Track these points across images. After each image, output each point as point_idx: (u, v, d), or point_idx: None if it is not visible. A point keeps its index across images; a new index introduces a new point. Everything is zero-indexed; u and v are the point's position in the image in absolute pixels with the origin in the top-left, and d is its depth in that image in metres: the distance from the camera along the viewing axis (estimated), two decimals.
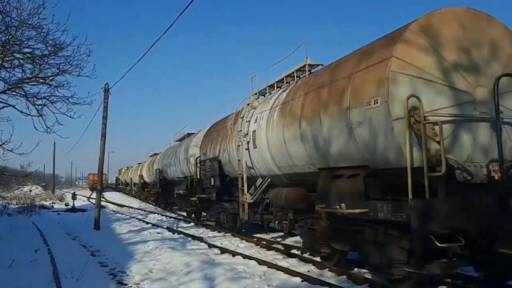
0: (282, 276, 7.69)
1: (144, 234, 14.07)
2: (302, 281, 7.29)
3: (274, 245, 11.15)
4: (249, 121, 11.14)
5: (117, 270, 8.63)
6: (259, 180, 10.87)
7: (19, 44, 12.31)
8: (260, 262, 8.96)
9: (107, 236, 14.26)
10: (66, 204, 33.30)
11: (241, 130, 11.41)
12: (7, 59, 12.42)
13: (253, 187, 11.02)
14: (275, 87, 11.66)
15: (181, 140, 25.71)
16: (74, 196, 28.19)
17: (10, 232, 14.05)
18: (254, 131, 10.65)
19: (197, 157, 17.32)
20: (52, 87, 13.20)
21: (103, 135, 17.29)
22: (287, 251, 10.21)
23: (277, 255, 10.02)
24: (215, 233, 14.45)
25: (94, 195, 35.75)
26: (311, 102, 7.91)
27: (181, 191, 20.54)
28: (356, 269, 8.10)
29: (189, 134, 23.57)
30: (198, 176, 16.87)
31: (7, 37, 11.86)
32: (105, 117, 17.21)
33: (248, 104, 12.09)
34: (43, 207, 29.05)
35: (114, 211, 26.68)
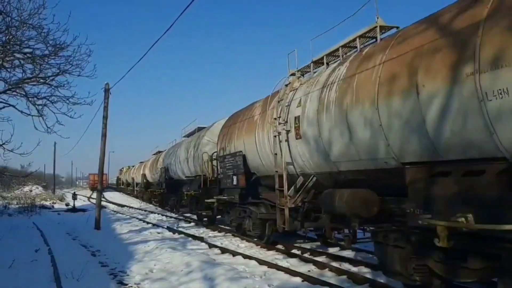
0: (283, 276, 7.70)
1: (145, 234, 14.08)
2: (302, 281, 7.30)
3: (277, 246, 11.15)
4: (289, 105, 9.12)
5: (117, 270, 8.64)
6: (300, 179, 8.90)
7: (20, 44, 12.32)
8: (261, 262, 8.97)
9: (107, 236, 14.26)
10: (67, 204, 33.30)
11: (279, 117, 9.28)
12: (8, 59, 12.44)
13: (292, 188, 9.03)
14: (325, 63, 9.04)
15: (190, 135, 23.35)
16: (74, 196, 28.19)
17: (10, 232, 14.06)
18: (297, 118, 8.60)
19: (213, 153, 15.59)
20: (53, 87, 13.25)
21: (104, 135, 17.30)
22: (287, 251, 10.21)
23: (277, 255, 10.02)
24: (216, 233, 14.45)
25: (94, 195, 35.76)
26: (397, 72, 5.77)
27: (192, 192, 18.19)
28: (356, 268, 8.11)
29: (199, 129, 21.30)
30: (214, 175, 15.32)
31: (7, 37, 11.87)
32: (105, 117, 17.22)
33: (286, 85, 9.89)
34: (43, 207, 29.03)
35: (115, 211, 26.69)
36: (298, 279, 7.39)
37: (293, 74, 10.02)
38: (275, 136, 9.46)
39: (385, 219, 6.71)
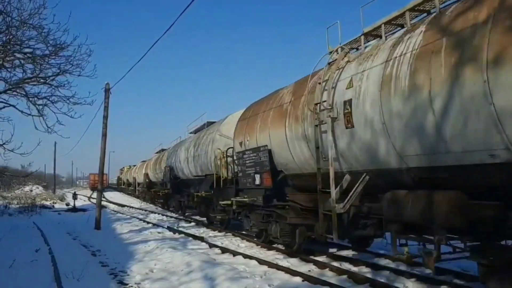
0: (283, 276, 7.69)
1: (145, 234, 14.07)
2: (303, 280, 7.29)
3: (274, 245, 11.14)
4: (335, 87, 7.52)
5: (117, 270, 8.63)
6: (347, 178, 7.45)
7: (20, 44, 12.36)
8: (261, 262, 8.96)
9: (107, 236, 14.26)
10: (67, 204, 33.33)
11: (324, 101, 7.62)
12: (8, 59, 12.46)
13: (337, 189, 7.43)
14: (383, 33, 7.11)
15: (197, 132, 21.43)
16: (75, 196, 28.23)
17: (11, 232, 14.07)
18: (347, 102, 7.00)
19: (228, 149, 13.86)
20: (53, 87, 13.30)
21: (104, 135, 17.31)
22: (288, 251, 10.20)
23: (277, 254, 10.01)
24: (216, 233, 14.45)
25: (94, 195, 35.76)
26: None
27: (203, 193, 16.29)
28: (357, 268, 8.12)
29: (209, 123, 19.57)
30: (229, 174, 13.86)
31: (8, 37, 11.90)
32: (105, 117, 17.22)
33: (329, 63, 8.23)
34: (44, 207, 29.06)
35: (115, 211, 26.69)
36: (298, 279, 7.38)
37: (334, 52, 8.27)
38: (316, 126, 7.80)
39: (485, 232, 5.19)
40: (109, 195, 51.77)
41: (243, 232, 13.19)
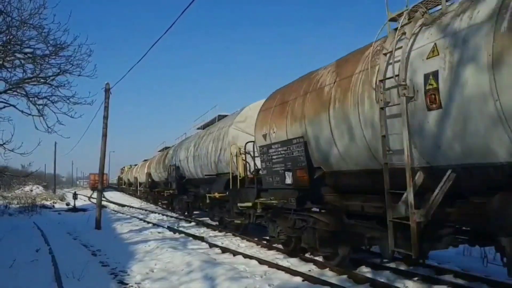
0: (283, 276, 7.69)
1: (145, 234, 14.09)
2: (303, 280, 7.29)
3: (274, 245, 11.14)
4: (408, 57, 5.74)
5: (118, 269, 8.64)
6: (419, 176, 5.73)
7: (20, 44, 12.38)
8: (261, 261, 8.96)
9: (108, 235, 14.28)
10: (67, 204, 33.36)
11: (397, 75, 5.78)
12: (8, 59, 12.48)
13: (410, 189, 5.65)
14: None
15: (206, 126, 19.91)
16: (75, 196, 28.26)
17: (11, 232, 14.07)
18: (430, 75, 5.29)
19: (247, 143, 12.34)
20: (53, 87, 13.33)
21: (104, 135, 17.33)
22: (288, 251, 10.20)
23: (278, 254, 10.01)
24: (216, 233, 14.46)
25: (95, 195, 35.78)
26: None
27: (216, 194, 14.50)
28: (357, 268, 8.11)
29: (220, 117, 18.07)
30: (249, 172, 12.60)
31: (8, 37, 11.91)
32: (106, 117, 17.24)
33: (396, 29, 6.28)
34: (44, 206, 29.10)
35: (115, 211, 26.70)
36: (298, 279, 7.39)
37: (393, 20, 6.49)
38: (381, 109, 6.14)
39: None
40: (109, 195, 51.80)
41: (268, 239, 11.25)
